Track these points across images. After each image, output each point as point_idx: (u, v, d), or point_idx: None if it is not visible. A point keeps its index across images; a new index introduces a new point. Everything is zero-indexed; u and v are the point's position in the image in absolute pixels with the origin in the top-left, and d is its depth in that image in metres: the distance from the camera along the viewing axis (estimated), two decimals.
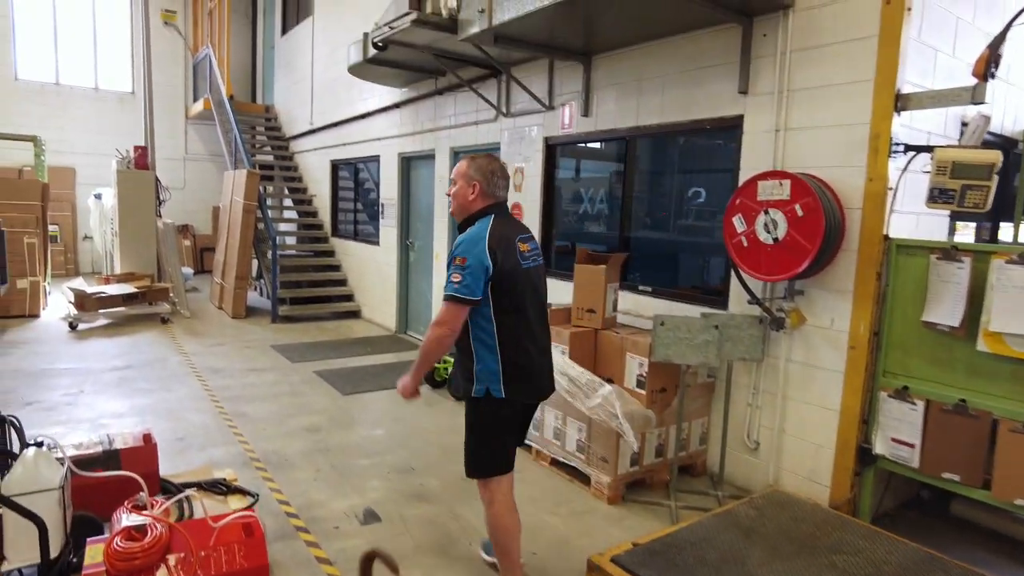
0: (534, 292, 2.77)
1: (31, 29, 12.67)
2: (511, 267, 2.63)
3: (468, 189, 2.77)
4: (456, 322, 2.60)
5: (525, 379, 2.71)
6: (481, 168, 2.78)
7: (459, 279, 2.56)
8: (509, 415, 2.74)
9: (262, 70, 14.10)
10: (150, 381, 6.13)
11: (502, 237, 2.64)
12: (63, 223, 12.71)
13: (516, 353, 2.67)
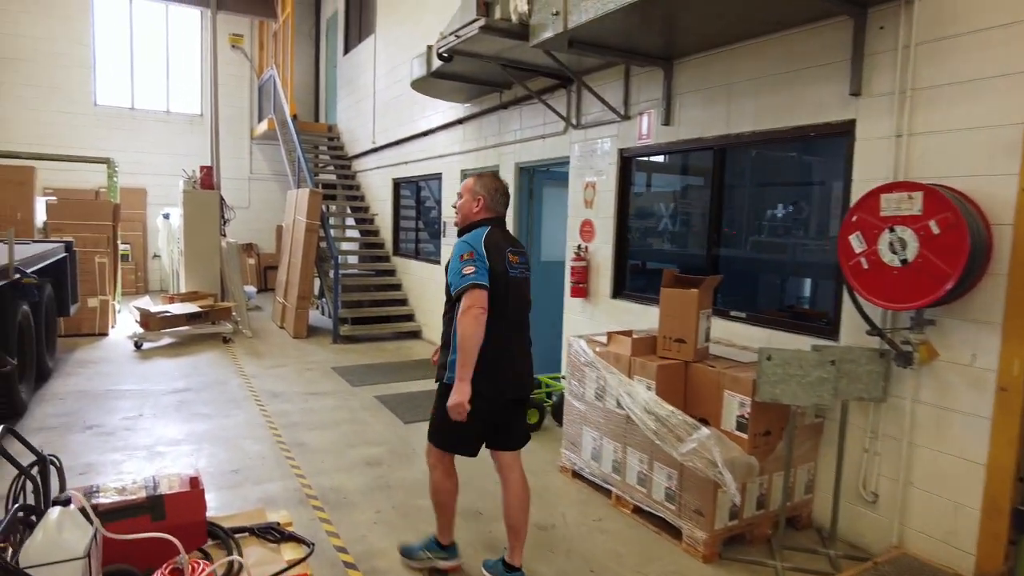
0: (518, 299, 3.00)
1: (110, 57, 13.13)
2: (500, 271, 2.90)
3: (473, 203, 3.09)
4: (483, 303, 2.80)
5: (498, 377, 2.90)
6: (486, 185, 3.09)
7: (472, 270, 2.82)
8: (477, 406, 2.85)
9: (325, 90, 14.22)
10: (209, 405, 5.98)
11: (495, 244, 2.94)
12: (134, 242, 13.02)
13: (499, 351, 2.89)
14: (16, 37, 12.20)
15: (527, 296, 3.11)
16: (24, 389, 5.55)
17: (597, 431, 4.14)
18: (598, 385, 4.07)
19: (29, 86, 12.34)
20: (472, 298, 2.78)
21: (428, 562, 3.25)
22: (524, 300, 3.08)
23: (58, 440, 4.94)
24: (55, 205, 9.20)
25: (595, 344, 4.17)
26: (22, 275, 4.81)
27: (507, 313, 2.91)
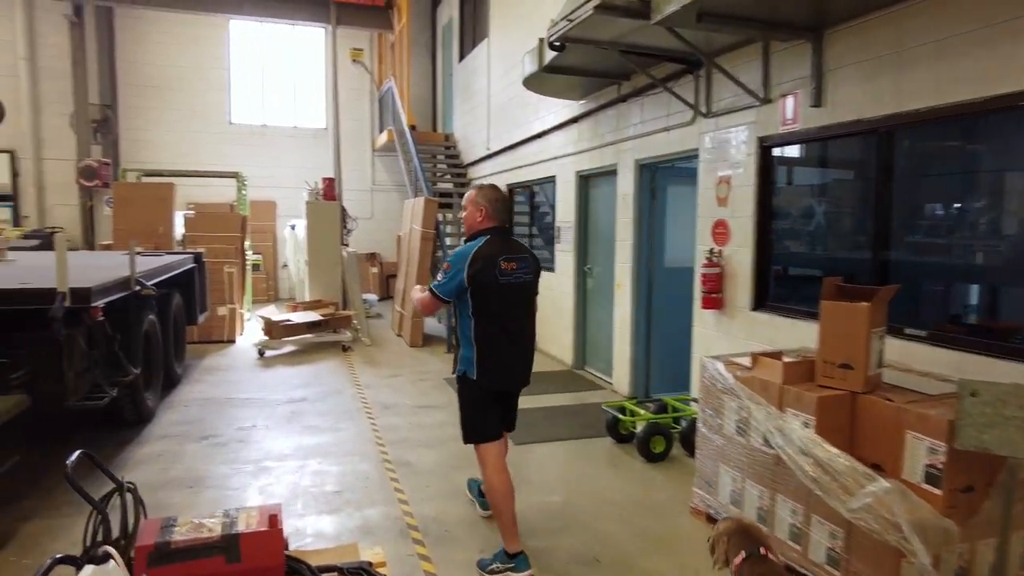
0: (509, 304, 3.30)
1: (243, 79, 13.92)
2: (486, 281, 3.20)
3: (477, 213, 3.38)
4: (430, 308, 3.44)
5: (495, 369, 3.30)
6: (487, 196, 3.39)
7: (441, 278, 3.28)
8: (483, 394, 3.34)
9: (442, 99, 14.27)
10: (321, 417, 5.88)
11: (486, 256, 3.21)
12: (265, 252, 13.67)
13: (489, 348, 3.27)
14: (164, 67, 13.21)
15: (523, 298, 3.43)
16: (151, 396, 5.71)
17: (738, 471, 3.49)
18: (740, 417, 3.42)
19: (173, 110, 13.32)
20: (428, 299, 3.36)
21: (499, 574, 3.27)
22: (518, 303, 3.38)
23: (175, 449, 4.98)
24: (191, 218, 9.73)
25: (736, 367, 3.53)
26: (142, 287, 4.90)
27: (493, 316, 3.26)
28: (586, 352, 7.77)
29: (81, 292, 3.93)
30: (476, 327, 3.25)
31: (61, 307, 3.79)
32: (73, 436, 5.21)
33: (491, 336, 3.27)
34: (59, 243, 3.89)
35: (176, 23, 13.11)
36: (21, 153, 12.55)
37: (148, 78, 13.12)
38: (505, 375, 3.38)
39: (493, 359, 3.29)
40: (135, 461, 4.74)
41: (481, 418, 3.37)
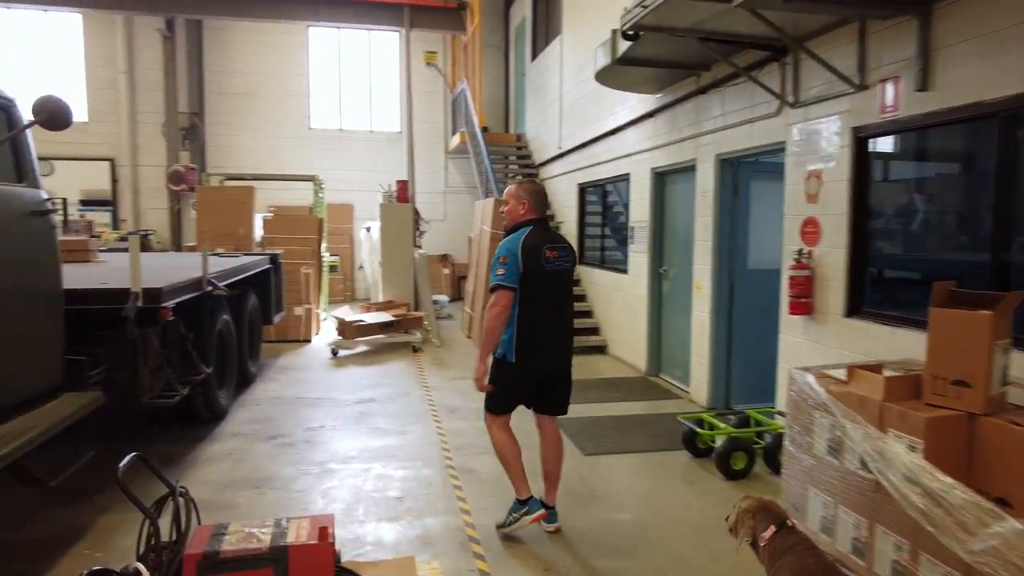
0: (554, 289, 3.51)
1: (322, 84, 14.29)
2: (534, 268, 3.38)
3: (520, 207, 3.55)
4: (507, 302, 3.38)
5: (534, 354, 3.46)
6: (528, 191, 3.57)
7: (503, 272, 3.36)
8: (518, 376, 3.51)
9: (514, 99, 14.17)
10: (388, 418, 5.84)
11: (532, 244, 3.39)
12: (343, 254, 13.95)
13: (529, 331, 3.42)
14: (248, 75, 13.73)
15: (565, 285, 3.61)
16: (224, 395, 5.82)
17: (830, 496, 3.13)
18: (833, 436, 3.06)
19: (256, 116, 13.81)
20: (498, 298, 3.39)
21: (518, 522, 3.57)
22: (561, 289, 3.58)
23: (244, 448, 5.03)
24: (270, 221, 10.00)
25: (829, 380, 3.17)
26: (213, 287, 4.98)
27: (536, 301, 3.43)
28: (661, 358, 7.43)
29: (152, 292, 3.99)
30: (519, 311, 3.42)
31: (133, 307, 3.86)
32: (148, 433, 5.36)
33: (532, 320, 3.44)
34: (133, 245, 3.97)
35: (258, 33, 13.60)
36: (119, 160, 13.34)
37: (233, 86, 13.66)
38: (542, 358, 3.54)
39: (532, 342, 3.46)
40: (205, 459, 4.81)
41: (507, 397, 3.60)
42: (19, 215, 3.33)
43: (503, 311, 3.38)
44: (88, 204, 13.27)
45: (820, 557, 2.29)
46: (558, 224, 10.77)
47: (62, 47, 13.21)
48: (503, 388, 3.57)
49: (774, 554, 2.32)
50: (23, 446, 3.01)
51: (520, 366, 3.47)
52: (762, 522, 2.41)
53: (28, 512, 3.93)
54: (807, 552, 2.28)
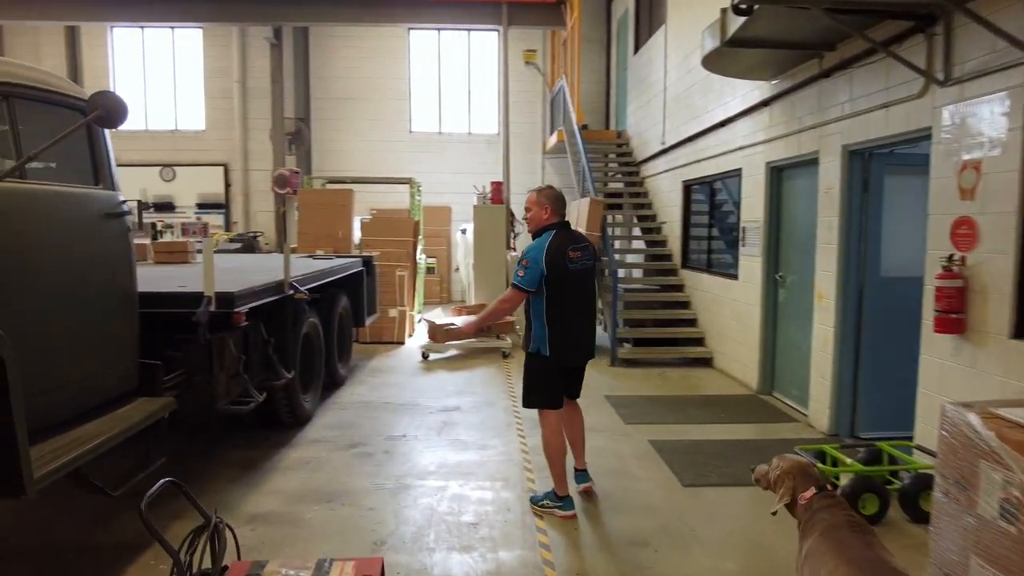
0: (579, 287, 3.85)
1: (422, 88, 14.35)
2: (559, 270, 3.72)
3: (543, 212, 3.85)
4: (516, 302, 3.86)
5: (564, 346, 3.81)
6: (549, 196, 3.88)
7: (523, 274, 3.74)
8: (553, 368, 3.85)
9: (615, 95, 13.60)
10: (471, 430, 5.53)
11: (556, 248, 3.74)
12: (440, 256, 13.93)
13: (559, 326, 3.77)
14: (352, 80, 14.01)
15: (589, 282, 3.92)
16: (309, 399, 5.74)
17: (1002, 571, 2.45)
18: (1008, 496, 2.38)
19: (361, 120, 14.07)
20: (511, 295, 3.82)
21: (548, 509, 3.91)
22: (585, 286, 3.89)
23: (323, 456, 4.87)
24: (367, 223, 10.05)
25: (1000, 422, 2.49)
26: (295, 291, 4.86)
27: (563, 299, 3.74)
28: (775, 375, 6.67)
29: (225, 296, 3.88)
30: (548, 308, 3.74)
31: (206, 311, 3.75)
32: (231, 435, 5.33)
33: (561, 316, 3.75)
34: (207, 248, 3.87)
35: (362, 38, 13.85)
36: (232, 165, 14.01)
37: (337, 91, 13.99)
38: (573, 350, 3.89)
39: (563, 336, 3.77)
40: (283, 467, 4.69)
41: (548, 389, 3.89)
42: (92, 217, 3.27)
43: (511, 307, 3.93)
44: (204, 207, 14.03)
45: (852, 515, 2.39)
46: (660, 224, 10.13)
47: (185, 62, 14.06)
48: (543, 381, 3.88)
49: (810, 511, 2.44)
50: (84, 455, 2.91)
51: (554, 359, 3.80)
52: (802, 484, 2.53)
53: (102, 514, 3.91)
54: (840, 510, 2.39)
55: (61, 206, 3.07)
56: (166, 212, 14.02)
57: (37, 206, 2.94)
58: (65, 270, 3.08)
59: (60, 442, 2.93)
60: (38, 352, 2.94)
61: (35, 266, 2.92)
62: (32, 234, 2.91)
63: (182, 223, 14.04)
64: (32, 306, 2.90)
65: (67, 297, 3.09)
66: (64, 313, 3.08)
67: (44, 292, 2.97)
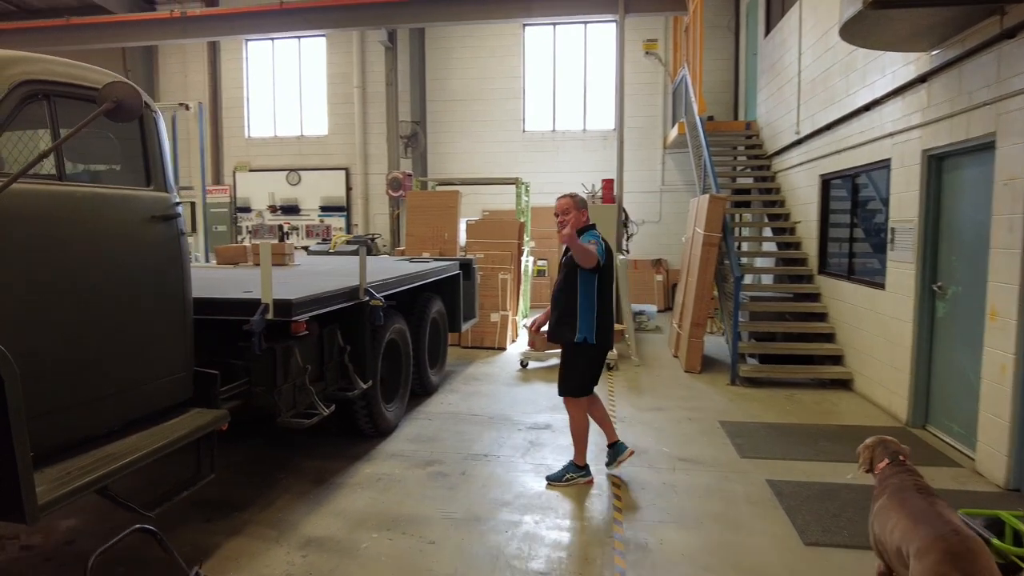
0: (612, 280, 4.36)
1: (536, 86, 13.94)
2: (608, 260, 4.19)
3: (582, 215, 4.23)
4: (594, 261, 4.04)
5: (606, 335, 4.23)
6: (582, 203, 4.26)
7: (594, 248, 4.04)
8: (597, 356, 4.29)
9: (744, 83, 12.45)
10: (559, 453, 4.99)
11: (604, 238, 4.23)
12: (551, 258, 13.45)
13: (603, 315, 4.17)
14: (467, 81, 13.89)
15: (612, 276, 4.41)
16: (393, 408, 5.46)
17: None
18: None
19: (475, 122, 13.91)
20: (593, 253, 4.06)
21: (570, 481, 4.33)
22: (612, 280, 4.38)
23: (396, 475, 4.54)
24: (472, 225, 9.78)
25: None
26: (370, 297, 4.57)
27: (606, 290, 4.20)
28: (930, 405, 5.54)
29: (283, 304, 3.62)
30: (599, 299, 4.12)
31: (261, 320, 3.51)
32: (311, 441, 5.15)
33: (604, 307, 4.14)
34: (264, 251, 3.63)
35: (476, 38, 13.69)
36: (353, 169, 14.37)
37: (452, 93, 13.93)
38: (611, 336, 4.33)
39: (604, 325, 4.16)
40: (353, 483, 4.40)
41: (591, 378, 4.32)
42: (137, 220, 3.10)
43: (592, 261, 4.04)
44: (326, 210, 14.51)
45: (919, 480, 2.69)
46: (793, 224, 9.01)
47: (311, 69, 14.62)
48: (587, 370, 4.30)
49: (883, 477, 2.81)
50: (106, 476, 2.71)
51: (600, 347, 4.22)
52: (880, 454, 2.93)
53: (166, 518, 3.79)
54: (908, 476, 2.72)
55: (100, 209, 2.90)
56: (292, 215, 14.67)
57: (71, 209, 2.78)
58: (106, 276, 2.92)
59: (86, 460, 2.76)
60: (75, 361, 2.79)
61: (70, 272, 2.76)
62: (67, 238, 2.75)
63: (306, 225, 14.63)
64: (67, 314, 2.74)
65: (108, 304, 2.93)
66: (105, 320, 2.92)
67: (81, 299, 2.81)
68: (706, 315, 7.84)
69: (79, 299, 2.80)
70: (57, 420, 2.75)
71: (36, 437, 2.66)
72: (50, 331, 2.68)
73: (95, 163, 3.15)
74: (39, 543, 3.55)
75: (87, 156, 3.14)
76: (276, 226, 14.74)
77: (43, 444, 2.70)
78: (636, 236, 12.01)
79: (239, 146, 14.98)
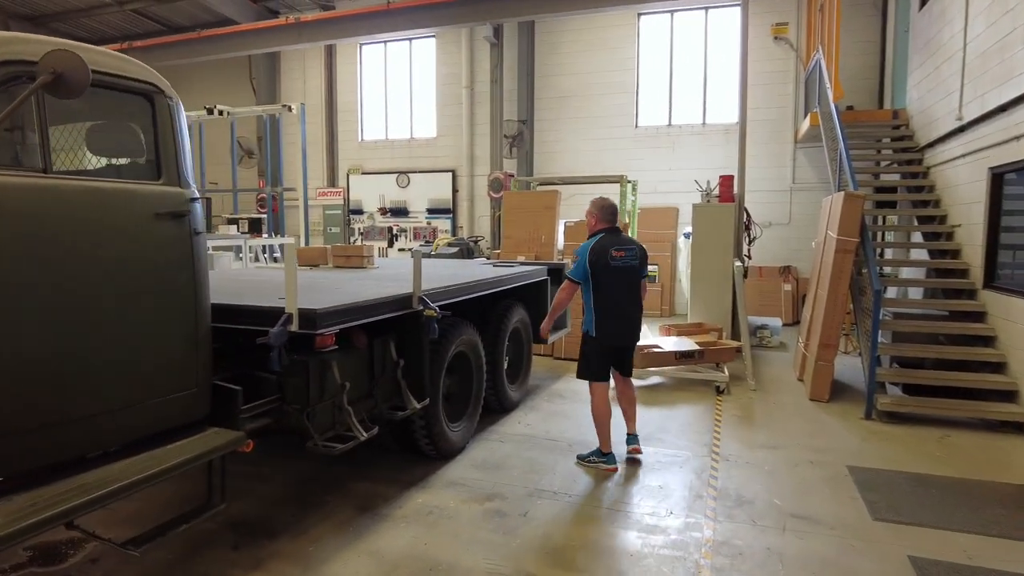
0: (622, 281, 4.61)
1: (651, 78, 13.00)
2: (601, 265, 4.54)
3: (592, 219, 4.78)
4: (569, 291, 4.75)
5: (608, 329, 4.61)
6: (599, 207, 4.76)
7: (571, 267, 4.66)
8: (599, 347, 4.65)
9: (891, 66, 10.81)
10: (642, 497, 4.23)
11: (601, 247, 4.57)
12: (662, 264, 12.49)
13: (603, 312, 4.59)
14: (573, 76, 13.21)
15: (634, 277, 4.67)
16: (459, 428, 4.93)
17: None
18: None
19: (584, 118, 13.20)
20: (564, 286, 4.76)
21: (594, 465, 4.68)
22: (629, 280, 4.65)
23: (449, 508, 3.99)
24: (570, 227, 9.12)
25: None
26: (424, 306, 4.05)
27: (609, 290, 4.57)
28: None
29: (307, 315, 3.17)
30: (595, 297, 4.60)
31: (282, 332, 3.08)
32: (370, 457, 4.73)
33: (604, 304, 4.59)
34: (288, 254, 3.20)
35: (587, 30, 12.99)
36: (459, 171, 14.14)
37: (560, 90, 13.31)
38: (614, 333, 4.67)
39: (606, 321, 4.61)
40: (400, 515, 3.90)
41: (597, 364, 4.70)
42: (140, 217, 2.75)
43: (566, 297, 4.77)
44: (433, 212, 14.40)
45: None
46: (951, 228, 7.53)
47: (421, 72, 14.59)
48: (592, 357, 4.67)
49: None
50: (82, 507, 2.36)
51: (599, 338, 4.60)
52: None
53: (190, 539, 3.48)
54: None
55: (92, 204, 2.57)
56: (400, 217, 14.70)
57: (57, 204, 2.46)
58: (98, 279, 2.59)
59: (60, 489, 2.42)
60: (55, 375, 2.47)
61: (54, 275, 2.44)
62: (50, 237, 2.44)
63: (414, 227, 14.61)
64: (48, 322, 2.42)
65: (99, 311, 2.60)
66: (95, 329, 2.59)
67: (66, 305, 2.49)
68: (837, 334, 6.66)
69: (64, 306, 2.48)
70: (33, 441, 2.44)
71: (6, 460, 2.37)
72: (26, 341, 2.38)
73: (99, 154, 2.84)
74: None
75: (92, 147, 2.84)
76: (386, 228, 14.87)
77: (14, 468, 2.41)
78: (763, 240, 10.85)
79: (352, 149, 15.24)
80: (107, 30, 15.77)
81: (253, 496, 4.18)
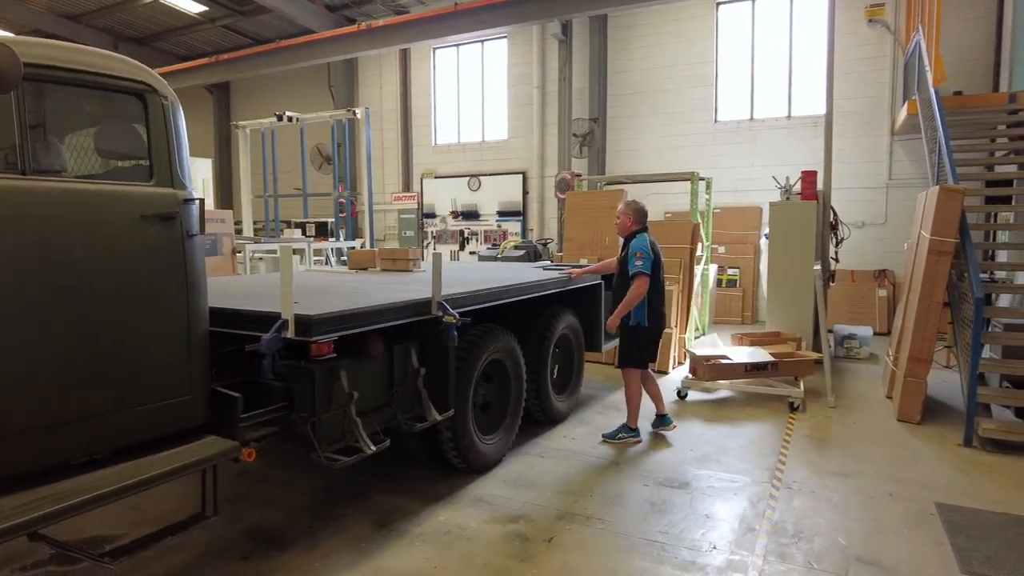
0: (661, 274, 5.22)
1: (731, 70, 12.26)
2: (659, 259, 5.14)
3: (627, 220, 5.23)
4: (647, 287, 5.01)
5: (657, 317, 5.16)
6: (633, 209, 5.24)
7: (642, 263, 4.99)
8: (650, 338, 5.18)
9: (1010, 43, 9.62)
10: (689, 526, 3.81)
11: (652, 243, 5.14)
12: (744, 266, 11.74)
13: (655, 303, 5.12)
14: (647, 71, 12.66)
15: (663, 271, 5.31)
16: (493, 441, 4.66)
17: None
18: None
19: (658, 115, 12.63)
20: (640, 282, 4.99)
21: (623, 440, 5.19)
22: (663, 274, 5.28)
23: (469, 529, 3.73)
24: None
25: None
26: (444, 312, 3.80)
27: (658, 284, 5.16)
28: None
29: (303, 321, 2.99)
30: (651, 290, 5.03)
31: (275, 339, 2.92)
32: (395, 466, 4.54)
33: (656, 297, 5.12)
34: (284, 257, 3.04)
35: (661, 23, 12.41)
36: (530, 173, 13.90)
37: (633, 85, 12.79)
38: (662, 321, 5.27)
39: (656, 313, 5.14)
40: (416, 533, 3.68)
41: (643, 354, 5.19)
42: (125, 220, 2.67)
43: (644, 291, 5.02)
44: (503, 215, 14.23)
45: None
46: None
47: (492, 74, 14.46)
48: (641, 348, 5.18)
49: None
50: (46, 517, 2.28)
51: (651, 330, 5.14)
52: None
53: (202, 545, 3.40)
54: None
55: (71, 207, 2.50)
56: (471, 220, 14.63)
57: (33, 207, 2.40)
58: (76, 283, 2.51)
59: (27, 498, 2.34)
60: (29, 380, 2.41)
61: (27, 279, 2.38)
62: (25, 241, 2.38)
63: (484, 230, 14.50)
64: (22, 326, 2.36)
65: (79, 315, 2.52)
66: (75, 334, 2.51)
67: (43, 309, 2.42)
68: (930, 346, 5.88)
69: (42, 309, 2.42)
70: (10, 446, 2.38)
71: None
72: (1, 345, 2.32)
73: (88, 155, 2.78)
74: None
75: (81, 148, 2.79)
76: (457, 231, 14.86)
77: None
78: (855, 241, 10.00)
79: (426, 153, 15.34)
80: (202, 46, 16.71)
81: (276, 504, 4.10)
